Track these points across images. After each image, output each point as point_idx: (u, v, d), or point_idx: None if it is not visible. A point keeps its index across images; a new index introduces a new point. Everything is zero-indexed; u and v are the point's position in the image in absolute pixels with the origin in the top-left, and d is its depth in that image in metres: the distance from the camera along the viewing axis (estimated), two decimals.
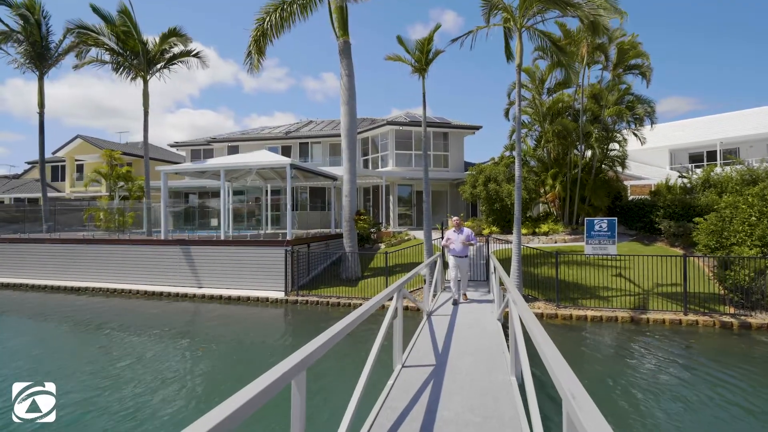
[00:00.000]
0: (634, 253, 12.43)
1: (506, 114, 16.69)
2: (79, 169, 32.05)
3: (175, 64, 15.65)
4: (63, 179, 33.04)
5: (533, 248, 11.60)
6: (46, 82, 18.61)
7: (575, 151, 15.91)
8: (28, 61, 19.04)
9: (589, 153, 16.27)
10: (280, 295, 11.52)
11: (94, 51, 16.35)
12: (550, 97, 15.99)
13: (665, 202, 14.47)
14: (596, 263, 11.64)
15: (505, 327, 7.33)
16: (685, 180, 15.73)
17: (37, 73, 19.31)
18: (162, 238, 13.25)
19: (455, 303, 7.79)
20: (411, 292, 10.93)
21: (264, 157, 13.14)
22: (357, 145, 24.37)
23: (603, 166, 16.15)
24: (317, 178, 17.14)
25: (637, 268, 10.71)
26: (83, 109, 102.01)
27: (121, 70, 15.17)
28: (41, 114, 19.53)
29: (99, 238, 14.35)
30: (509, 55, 10.60)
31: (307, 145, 24.80)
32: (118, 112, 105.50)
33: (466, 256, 8.12)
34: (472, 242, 8.10)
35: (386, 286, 11.01)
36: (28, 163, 36.26)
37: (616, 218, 11.56)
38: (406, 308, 10.19)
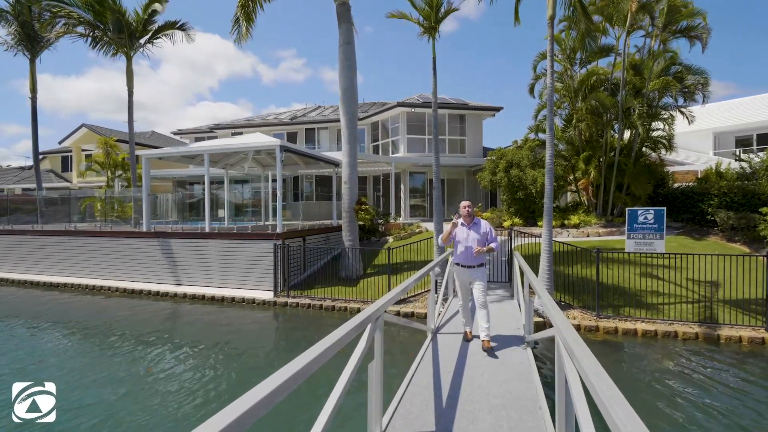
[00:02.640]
0: (684, 249, 10.47)
1: (531, 90, 14.71)
2: (88, 158, 31.55)
3: (159, 38, 14.25)
4: (72, 170, 32.69)
5: (564, 243, 9.76)
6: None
7: (612, 132, 13.84)
8: (18, 43, 18.06)
9: (627, 134, 14.18)
10: (269, 295, 10.08)
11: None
12: (583, 69, 13.90)
13: (720, 190, 12.33)
14: (640, 262, 9.75)
15: (537, 358, 5.65)
16: (744, 164, 13.46)
17: (29, 56, 18.32)
18: (144, 230, 11.98)
19: (466, 339, 5.12)
20: (415, 296, 9.30)
21: (251, 139, 11.66)
22: (366, 130, 22.77)
23: (644, 148, 14.03)
24: (319, 165, 15.60)
25: (693, 269, 8.73)
26: (108, 104, 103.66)
27: (99, 45, 13.83)
28: (33, 99, 18.57)
29: (81, 230, 13.23)
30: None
31: (313, 131, 23.28)
32: (141, 105, 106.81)
33: (482, 265, 4.94)
34: (494, 247, 4.82)
35: (389, 288, 9.43)
36: (40, 153, 36.01)
37: (664, 208, 9.62)
38: (405, 314, 8.58)
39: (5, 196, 24.00)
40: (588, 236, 12.69)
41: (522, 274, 5.90)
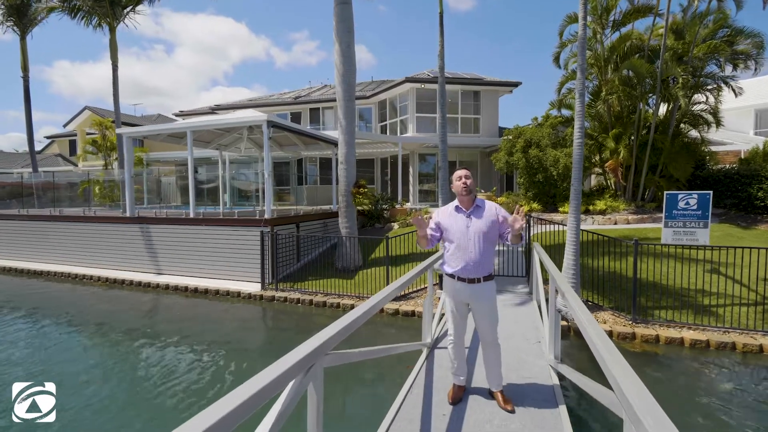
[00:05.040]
0: (731, 239, 9.05)
1: (556, 60, 13.09)
2: (95, 142, 31.13)
3: (141, 3, 13.10)
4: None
5: (590, 231, 8.43)
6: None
7: (646, 106, 12.22)
8: (6, 19, 17.20)
9: (663, 109, 12.53)
10: (256, 288, 9.09)
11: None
12: (615, 35, 12.21)
13: None
14: (680, 255, 8.37)
15: (561, 377, 4.47)
16: None
17: (19, 33, 17.49)
18: (128, 214, 11.09)
19: (452, 401, 3.10)
20: (417, 291, 8.15)
21: (237, 115, 10.54)
22: (373, 109, 21.38)
23: (682, 125, 12.40)
24: (320, 146, 14.43)
25: (746, 265, 7.26)
26: (124, 88, 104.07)
27: (80, 15, 12.77)
28: (25, 78, 17.86)
29: (66, 215, 12.46)
30: None
31: (318, 111, 22.01)
32: (158, 90, 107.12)
33: (490, 278, 2.97)
34: (509, 238, 2.87)
35: (387, 282, 8.33)
36: (47, 137, 35.84)
37: (710, 192, 8.12)
38: (405, 312, 7.46)
39: None
40: (616, 224, 11.31)
41: (543, 270, 4.68)
